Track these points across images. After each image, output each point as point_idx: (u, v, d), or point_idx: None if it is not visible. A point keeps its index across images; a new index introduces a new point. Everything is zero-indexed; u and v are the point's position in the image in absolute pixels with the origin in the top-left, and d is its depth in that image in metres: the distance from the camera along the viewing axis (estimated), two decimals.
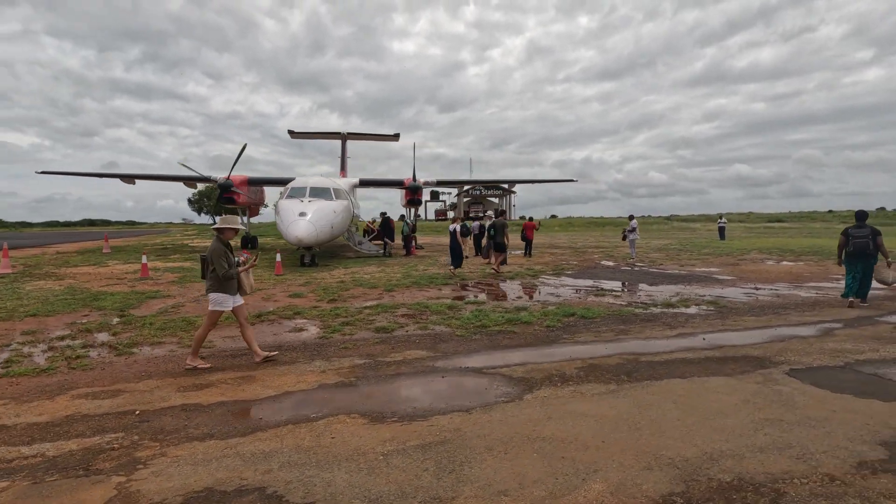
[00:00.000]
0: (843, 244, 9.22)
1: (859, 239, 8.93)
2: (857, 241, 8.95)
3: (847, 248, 9.10)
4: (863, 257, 8.89)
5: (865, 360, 5.55)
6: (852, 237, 9.05)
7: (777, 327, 7.32)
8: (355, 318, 8.23)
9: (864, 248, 8.85)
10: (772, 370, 5.23)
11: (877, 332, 6.88)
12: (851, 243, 9.01)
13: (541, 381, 5.00)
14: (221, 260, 5.62)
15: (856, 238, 8.98)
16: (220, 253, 5.64)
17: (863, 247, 8.86)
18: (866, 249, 8.83)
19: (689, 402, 4.36)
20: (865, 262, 8.91)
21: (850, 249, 9.02)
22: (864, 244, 8.86)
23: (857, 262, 8.96)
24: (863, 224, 9.07)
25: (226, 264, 5.64)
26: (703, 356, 5.83)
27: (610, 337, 6.85)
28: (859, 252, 8.90)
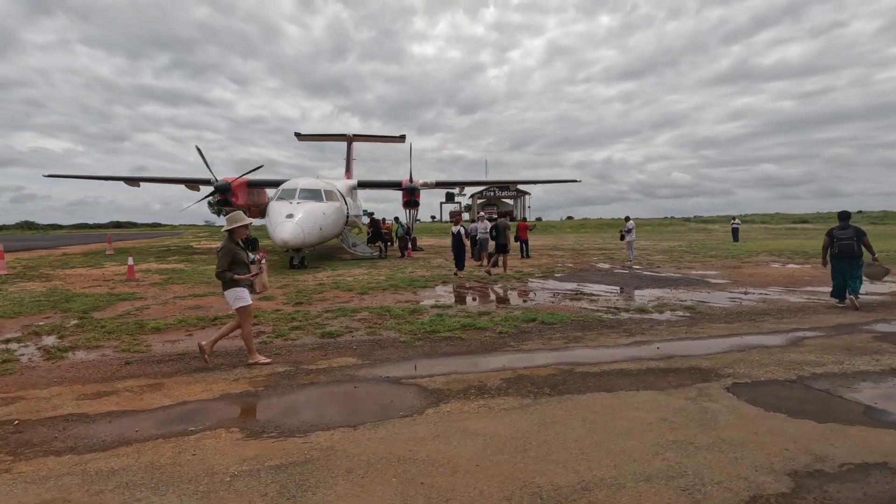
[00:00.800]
0: (827, 245, 9.06)
1: (844, 240, 8.74)
2: (842, 242, 8.76)
3: (833, 250, 8.90)
4: (848, 258, 8.70)
5: (822, 374, 5.07)
6: (837, 238, 8.84)
7: (744, 335, 6.83)
8: (309, 323, 8.00)
9: (850, 249, 8.66)
10: (712, 384, 4.80)
11: (850, 343, 6.34)
12: (836, 245, 8.82)
13: (455, 393, 4.68)
14: (224, 259, 5.61)
15: (841, 239, 8.78)
16: (224, 251, 5.66)
17: (848, 248, 8.67)
18: (852, 250, 8.65)
19: (601, 419, 3.98)
20: (850, 263, 8.73)
21: (836, 251, 8.82)
22: (849, 245, 8.67)
23: (843, 263, 8.79)
24: (847, 225, 8.87)
25: (225, 263, 5.59)
26: (646, 367, 5.41)
27: (558, 345, 6.46)
28: (845, 253, 8.71)
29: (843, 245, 8.72)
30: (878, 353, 5.83)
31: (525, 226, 21.56)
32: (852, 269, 8.72)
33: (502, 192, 76.11)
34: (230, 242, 5.79)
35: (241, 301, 5.73)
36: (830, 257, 9.03)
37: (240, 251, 5.80)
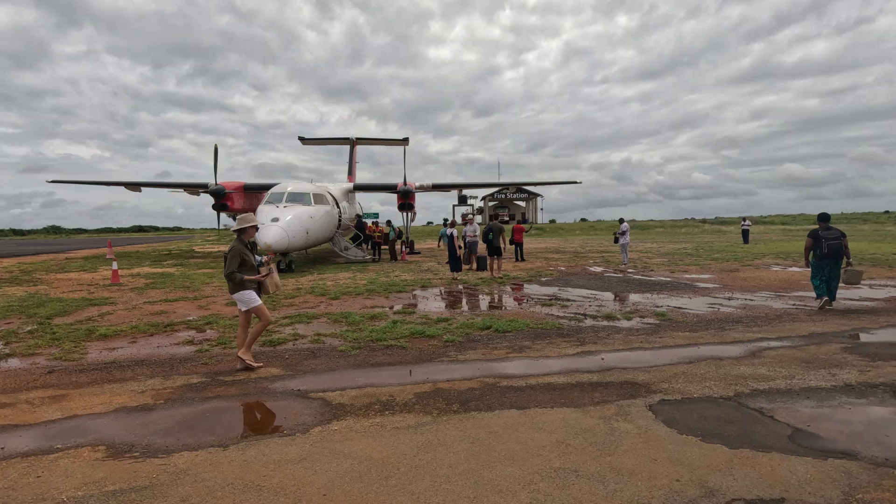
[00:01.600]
0: (810, 246, 8.99)
1: (832, 241, 8.74)
2: (830, 242, 8.74)
3: (819, 251, 8.84)
4: (835, 258, 8.76)
5: (764, 391, 4.65)
6: (825, 239, 8.78)
7: (702, 346, 6.39)
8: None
9: (838, 249, 8.69)
10: (637, 401, 4.42)
11: (813, 354, 5.86)
12: (825, 245, 8.76)
13: (357, 408, 4.39)
14: (233, 260, 5.57)
15: (829, 240, 8.76)
16: (234, 252, 5.62)
17: (837, 248, 8.70)
18: (840, 251, 8.70)
19: (492, 442, 3.65)
20: (835, 264, 8.80)
21: (825, 251, 8.75)
22: (837, 245, 8.70)
23: (829, 263, 8.81)
24: (829, 226, 8.93)
25: (235, 264, 5.55)
26: (577, 381, 5.04)
27: (498, 356, 6.12)
28: (835, 253, 8.72)
29: (832, 245, 8.67)
30: (839, 366, 5.36)
31: (520, 228, 21.16)
32: (834, 270, 8.80)
33: (514, 195, 75.64)
34: (239, 244, 5.73)
35: (254, 302, 5.67)
36: (816, 258, 8.92)
37: (248, 253, 5.77)
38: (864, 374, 5.08)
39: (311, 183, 21.91)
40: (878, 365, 5.37)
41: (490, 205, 77.59)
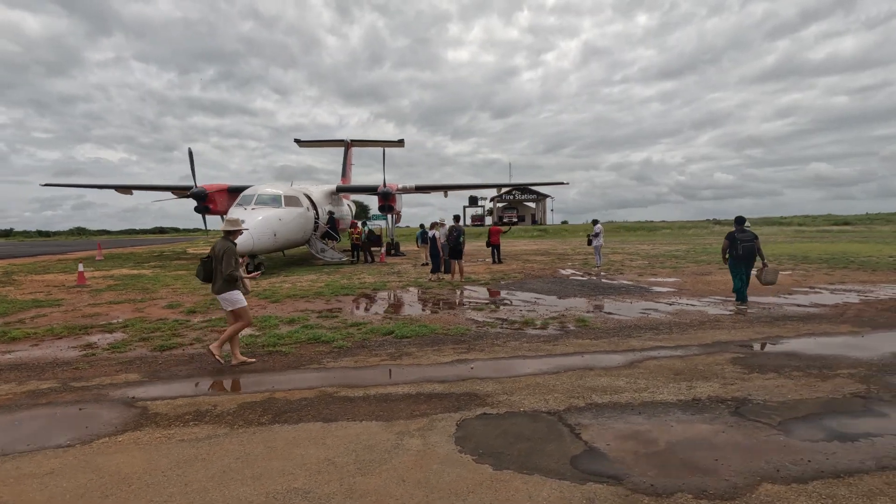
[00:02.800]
0: (727, 248, 9.31)
1: (747, 242, 9.13)
2: (745, 244, 9.13)
3: (735, 252, 9.20)
4: (750, 259, 9.14)
5: (601, 404, 4.38)
6: (740, 241, 9.16)
7: (588, 354, 6.11)
8: (169, 333, 7.77)
9: (752, 250, 9.08)
10: (454, 415, 4.21)
11: (691, 365, 5.54)
12: (741, 247, 9.14)
13: (169, 418, 4.28)
14: (230, 259, 5.85)
15: (744, 242, 9.14)
16: (230, 252, 5.90)
17: (751, 249, 9.08)
18: (753, 252, 9.09)
19: (260, 458, 3.50)
20: (749, 264, 9.18)
21: (740, 252, 9.14)
22: (752, 247, 9.10)
23: (744, 264, 9.20)
24: (744, 228, 9.29)
25: (234, 263, 5.87)
26: (417, 392, 4.84)
27: (370, 363, 5.95)
28: (749, 254, 9.12)
29: (746, 247, 9.10)
30: (706, 378, 5.05)
31: (497, 230, 20.83)
32: (747, 270, 9.23)
33: (522, 195, 75.04)
34: (230, 244, 6.01)
35: (241, 303, 5.97)
36: (733, 258, 9.28)
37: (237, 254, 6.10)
38: (725, 387, 4.77)
39: (291, 185, 22.04)
40: (748, 378, 5.05)
41: (499, 206, 77.18)
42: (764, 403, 4.33)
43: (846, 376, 5.05)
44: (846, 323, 7.67)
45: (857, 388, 4.70)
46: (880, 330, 7.15)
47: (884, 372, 5.16)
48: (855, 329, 7.23)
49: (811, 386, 4.77)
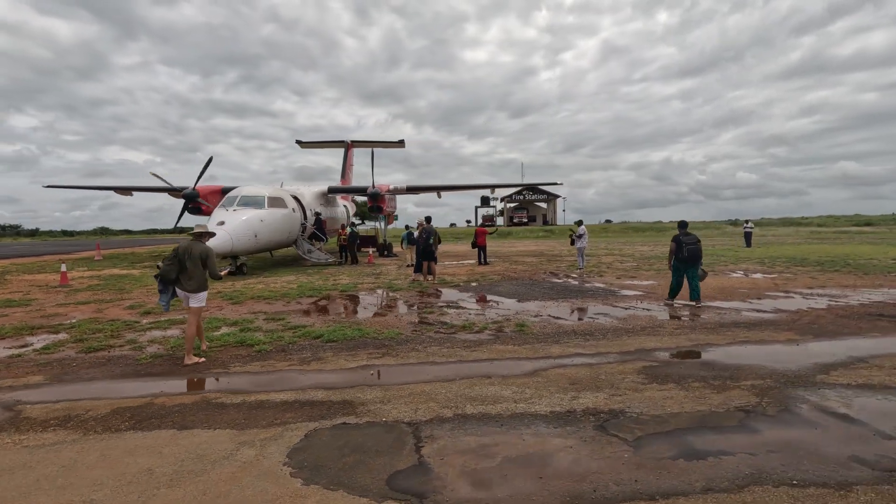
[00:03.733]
0: (674, 250, 9.63)
1: (692, 245, 9.50)
2: (690, 247, 9.48)
3: (681, 254, 9.51)
4: (696, 260, 9.50)
5: (469, 415, 4.24)
6: (685, 244, 9.50)
7: (498, 361, 5.96)
8: (113, 334, 7.83)
9: (697, 252, 9.45)
10: (311, 424, 4.12)
11: (594, 374, 5.35)
12: (686, 249, 9.48)
13: (35, 422, 4.28)
14: (215, 260, 6.42)
15: (689, 244, 9.49)
16: (213, 255, 6.43)
17: (696, 251, 9.45)
18: (698, 254, 9.46)
19: (80, 466, 3.46)
20: (695, 266, 9.53)
21: (686, 255, 9.47)
22: (696, 249, 9.47)
23: (689, 266, 9.54)
24: (688, 232, 9.65)
25: (216, 264, 6.42)
26: (297, 399, 4.76)
27: (277, 367, 5.90)
28: (694, 256, 9.47)
29: (691, 249, 9.48)
30: (599, 389, 4.87)
31: (483, 231, 20.62)
32: (694, 270, 9.58)
33: (533, 195, 74.56)
34: (207, 246, 6.50)
35: (204, 302, 6.45)
36: (679, 261, 9.59)
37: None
38: (610, 399, 4.59)
39: (281, 186, 22.21)
40: (642, 389, 4.85)
41: (509, 206, 76.76)
42: (636, 417, 4.15)
43: (746, 388, 4.82)
44: (792, 330, 7.36)
45: (748, 401, 4.47)
46: (821, 338, 6.84)
47: (789, 384, 4.91)
48: (795, 337, 6.92)
49: (701, 398, 4.56)
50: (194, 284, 6.25)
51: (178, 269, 6.30)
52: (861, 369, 5.34)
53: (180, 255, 6.28)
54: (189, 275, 6.25)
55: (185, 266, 6.25)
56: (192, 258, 6.24)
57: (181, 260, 6.26)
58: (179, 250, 6.33)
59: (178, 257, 6.29)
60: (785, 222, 69.48)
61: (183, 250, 6.30)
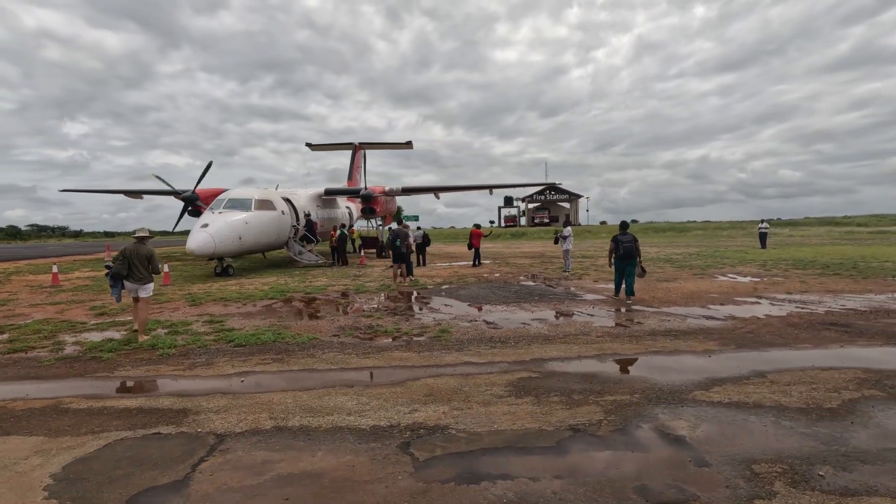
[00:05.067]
0: (612, 250, 10.49)
1: (627, 244, 10.26)
2: (625, 245, 10.27)
3: (618, 253, 10.35)
4: (629, 259, 10.31)
5: (286, 428, 4.10)
6: (621, 243, 10.30)
7: (381, 369, 5.78)
8: (49, 336, 8.02)
9: (631, 251, 10.27)
10: (120, 433, 4.06)
11: (455, 386, 5.11)
12: (622, 248, 10.28)
13: None
14: (157, 259, 7.90)
15: (624, 243, 10.28)
16: (155, 254, 7.87)
17: (629, 250, 10.26)
18: (632, 252, 10.26)
19: None
20: (630, 263, 10.35)
21: (621, 253, 10.30)
22: (630, 248, 10.26)
23: (625, 263, 10.37)
24: (626, 232, 10.48)
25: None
26: (139, 406, 4.71)
27: (163, 371, 5.90)
28: (627, 255, 10.26)
29: (626, 248, 10.25)
30: (448, 402, 4.63)
31: (478, 233, 20.37)
32: (630, 268, 10.35)
33: (554, 196, 73.53)
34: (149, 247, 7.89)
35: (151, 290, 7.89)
36: (617, 259, 10.42)
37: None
38: (447, 414, 4.35)
39: (276, 189, 22.50)
40: (494, 402, 4.59)
41: (530, 206, 75.96)
42: (452, 435, 3.91)
43: (604, 404, 4.49)
44: (720, 340, 6.88)
45: (590, 419, 4.16)
46: (742, 349, 6.36)
47: (654, 400, 4.56)
48: (716, 348, 6.47)
49: (544, 415, 4.27)
50: (144, 278, 7.66)
51: (127, 267, 7.58)
52: (750, 385, 4.92)
53: (128, 255, 7.59)
54: (137, 272, 7.61)
55: (133, 264, 7.58)
56: (139, 257, 7.62)
57: (129, 260, 7.57)
58: (127, 252, 7.62)
59: (126, 258, 7.57)
60: (823, 222, 66.13)
61: (130, 252, 7.62)
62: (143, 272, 7.64)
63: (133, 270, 7.61)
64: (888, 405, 4.33)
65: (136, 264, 7.60)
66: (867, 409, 4.26)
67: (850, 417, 4.08)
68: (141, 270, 7.63)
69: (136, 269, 7.61)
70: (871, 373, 5.25)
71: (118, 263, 7.55)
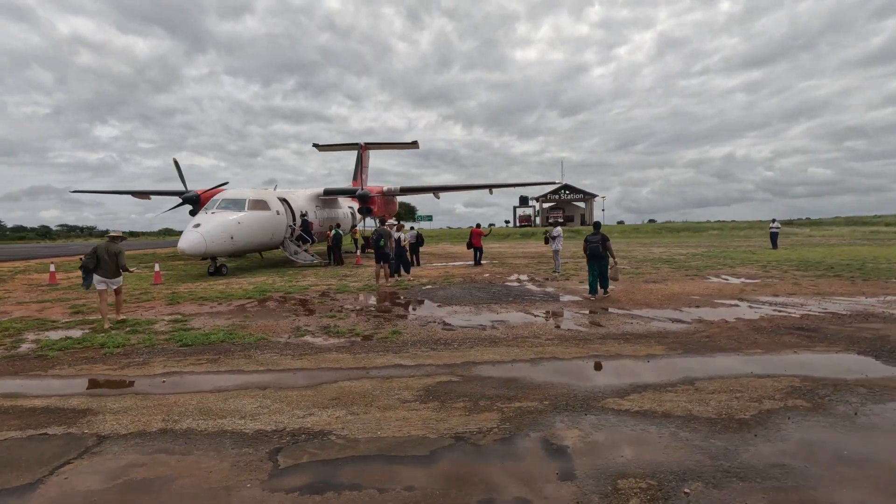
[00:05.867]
0: (584, 249, 10.84)
1: (593, 244, 10.63)
2: (591, 245, 10.65)
3: (587, 252, 10.72)
4: (597, 258, 10.63)
5: (144, 433, 4.04)
6: (589, 243, 10.69)
7: (299, 372, 5.69)
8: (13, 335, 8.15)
9: (597, 250, 10.60)
10: (7, 434, 4.07)
11: (363, 390, 4.98)
12: (589, 248, 10.67)
13: None
14: (124, 256, 8.90)
15: (591, 243, 10.67)
16: (122, 251, 8.85)
17: (595, 249, 10.61)
18: (598, 251, 10.58)
19: None
20: (599, 262, 10.65)
21: (588, 252, 10.67)
22: (596, 248, 10.59)
23: (594, 262, 10.68)
24: (596, 232, 10.83)
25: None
26: (44, 406, 4.72)
27: (95, 370, 5.93)
28: (593, 254, 10.63)
29: (592, 248, 10.64)
30: (347, 406, 4.52)
31: (479, 233, 20.19)
32: (601, 268, 10.66)
33: (570, 194, 72.73)
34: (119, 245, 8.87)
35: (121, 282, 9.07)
36: (587, 259, 10.80)
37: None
38: (337, 419, 4.23)
39: (275, 189, 22.68)
40: (392, 408, 4.45)
41: (545, 206, 75.31)
42: (330, 441, 3.79)
43: (508, 410, 4.32)
44: (669, 345, 6.60)
45: (481, 427, 3.99)
46: (689, 354, 6.09)
47: (560, 407, 4.35)
48: (659, 353, 6.20)
49: (438, 421, 4.12)
50: (112, 273, 8.70)
51: (96, 262, 8.54)
52: (671, 393, 4.68)
53: (99, 252, 8.57)
54: (107, 267, 8.59)
55: (103, 260, 8.55)
56: (110, 254, 8.61)
57: (99, 256, 8.55)
58: (98, 249, 8.61)
59: (96, 254, 8.55)
60: (850, 221, 63.92)
61: (102, 249, 8.62)
62: (111, 267, 8.60)
63: (101, 264, 8.55)
64: (805, 417, 4.05)
65: (106, 259, 8.55)
66: (781, 420, 3.99)
67: (757, 430, 3.82)
68: (109, 265, 8.58)
69: (106, 263, 8.56)
70: (808, 381, 4.94)
71: (88, 258, 8.56)
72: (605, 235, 10.73)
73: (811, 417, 4.04)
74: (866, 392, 4.60)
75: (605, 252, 10.59)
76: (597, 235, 10.71)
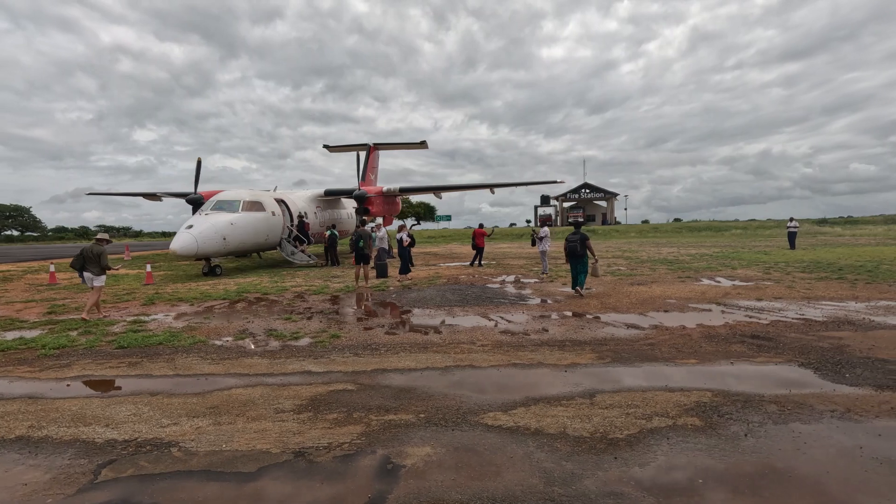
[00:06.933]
0: (565, 248, 11.12)
1: (571, 243, 10.87)
2: (570, 244, 10.90)
3: (566, 251, 11.05)
4: (574, 257, 10.91)
5: (19, 439, 3.98)
6: (568, 242, 10.94)
7: (210, 377, 5.59)
8: None
9: (574, 249, 10.84)
10: None
11: (232, 397, 4.82)
12: (567, 247, 10.97)
13: None
14: (106, 257, 9.71)
15: (570, 242, 10.90)
16: (106, 253, 9.73)
17: (573, 248, 10.85)
18: (575, 251, 10.82)
19: None
20: (578, 261, 10.90)
21: (567, 252, 10.99)
22: (574, 247, 10.83)
23: (573, 260, 10.96)
24: (576, 231, 11.04)
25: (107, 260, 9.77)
26: None
27: (17, 372, 5.98)
28: (571, 253, 10.91)
29: (570, 247, 10.89)
30: (222, 414, 4.38)
31: (482, 233, 19.92)
32: (580, 266, 10.93)
33: (590, 193, 71.56)
34: (102, 247, 9.68)
35: (104, 281, 9.82)
36: (568, 256, 11.06)
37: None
38: (200, 429, 4.09)
39: (275, 190, 22.89)
40: (267, 418, 4.29)
41: (565, 206, 74.32)
42: (170, 453, 3.65)
43: (373, 424, 4.10)
44: (601, 353, 6.25)
45: (331, 441, 3.79)
46: (611, 364, 5.73)
47: (437, 421, 4.11)
48: (584, 362, 5.86)
49: (295, 434, 3.93)
50: (96, 272, 9.53)
51: (83, 261, 9.48)
52: (560, 407, 4.37)
53: (85, 253, 9.54)
54: (91, 265, 9.48)
55: (87, 259, 9.46)
56: (93, 255, 9.49)
57: (85, 256, 9.48)
58: (85, 250, 9.58)
59: (82, 255, 9.52)
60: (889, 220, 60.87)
61: (87, 250, 9.58)
62: (94, 267, 9.50)
63: (87, 264, 9.52)
64: (685, 438, 3.70)
65: (91, 259, 9.50)
66: (655, 442, 3.65)
67: (622, 452, 3.50)
68: (93, 265, 9.51)
69: (91, 263, 9.50)
70: (720, 396, 4.55)
71: (75, 258, 9.68)
72: (585, 235, 10.99)
73: (692, 439, 3.69)
74: (775, 410, 4.19)
75: (584, 251, 10.79)
76: (576, 235, 10.94)
